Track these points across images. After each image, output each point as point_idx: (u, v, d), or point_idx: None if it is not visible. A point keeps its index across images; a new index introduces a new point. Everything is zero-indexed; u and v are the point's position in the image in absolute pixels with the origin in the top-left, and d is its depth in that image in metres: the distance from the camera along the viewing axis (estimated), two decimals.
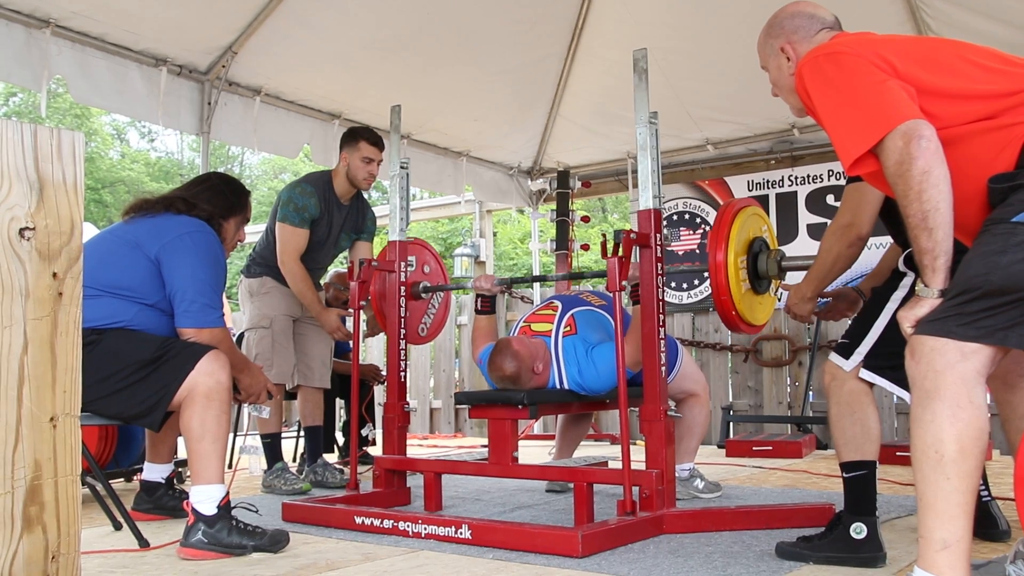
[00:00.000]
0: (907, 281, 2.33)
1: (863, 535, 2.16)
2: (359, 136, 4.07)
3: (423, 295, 3.75)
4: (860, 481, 2.22)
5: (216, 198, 2.95)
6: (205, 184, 3.01)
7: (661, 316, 2.83)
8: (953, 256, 1.70)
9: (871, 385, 2.31)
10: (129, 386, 2.50)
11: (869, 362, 2.28)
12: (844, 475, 2.26)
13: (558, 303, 3.39)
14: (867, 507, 2.19)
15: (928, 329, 1.65)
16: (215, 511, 2.46)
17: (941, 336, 1.63)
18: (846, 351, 2.33)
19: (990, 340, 1.60)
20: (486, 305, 3.54)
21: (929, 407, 1.61)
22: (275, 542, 2.51)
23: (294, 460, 4.93)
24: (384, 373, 5.04)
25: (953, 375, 1.60)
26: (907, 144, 1.68)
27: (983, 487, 2.51)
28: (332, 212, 4.04)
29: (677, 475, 3.39)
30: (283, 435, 4.96)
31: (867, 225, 2.40)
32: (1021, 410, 1.89)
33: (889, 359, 2.24)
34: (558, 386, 3.19)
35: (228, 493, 2.51)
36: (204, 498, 2.47)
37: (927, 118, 1.71)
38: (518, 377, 3.07)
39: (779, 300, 3.24)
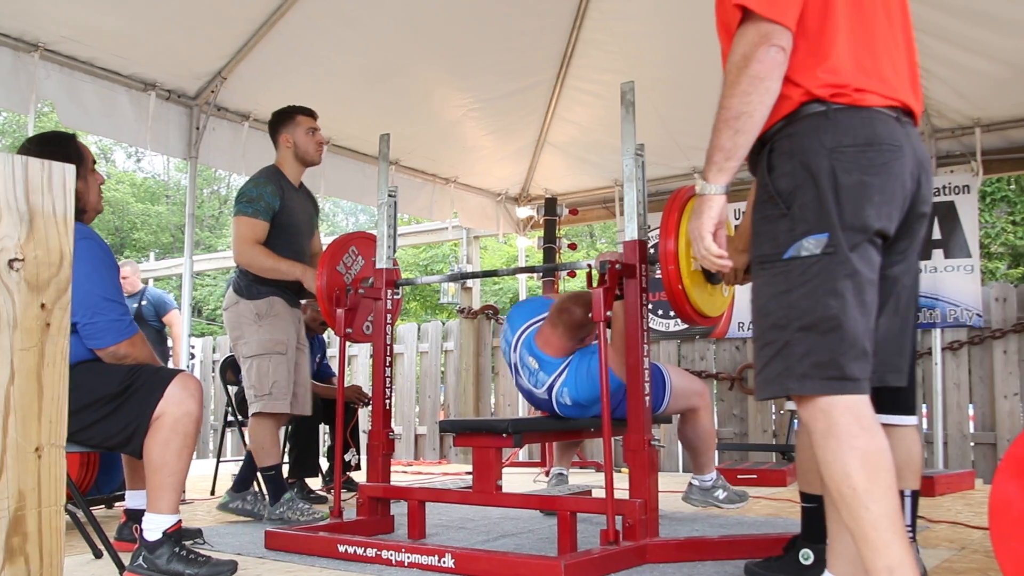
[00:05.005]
0: None
1: (810, 561, 2.30)
2: (294, 112, 3.98)
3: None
4: (812, 512, 2.32)
5: None
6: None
7: (646, 346, 2.85)
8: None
9: None
10: (102, 419, 2.50)
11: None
12: (801, 503, 2.39)
13: None
14: (817, 535, 2.28)
15: (797, 388, 1.68)
16: (158, 537, 2.48)
17: (808, 392, 1.67)
18: None
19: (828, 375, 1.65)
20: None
21: (827, 446, 1.64)
22: (215, 573, 2.47)
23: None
24: (368, 394, 5.02)
25: (838, 408, 1.64)
26: (757, 45, 1.68)
27: (909, 527, 2.37)
28: (292, 198, 3.91)
29: (699, 485, 3.50)
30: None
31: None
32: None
33: None
34: (551, 396, 3.30)
35: (179, 522, 2.51)
36: (152, 525, 2.49)
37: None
38: (584, 324, 3.28)
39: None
